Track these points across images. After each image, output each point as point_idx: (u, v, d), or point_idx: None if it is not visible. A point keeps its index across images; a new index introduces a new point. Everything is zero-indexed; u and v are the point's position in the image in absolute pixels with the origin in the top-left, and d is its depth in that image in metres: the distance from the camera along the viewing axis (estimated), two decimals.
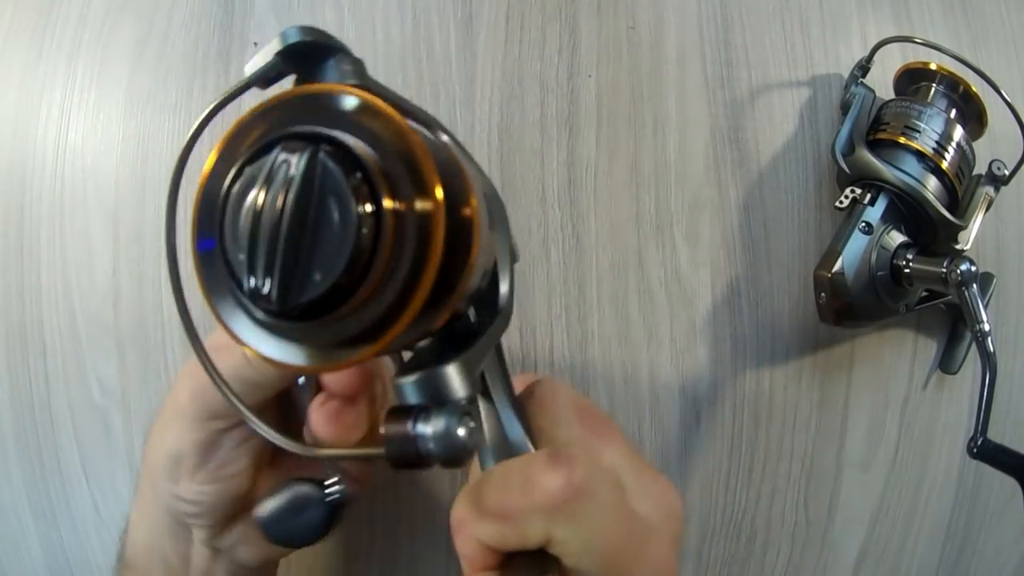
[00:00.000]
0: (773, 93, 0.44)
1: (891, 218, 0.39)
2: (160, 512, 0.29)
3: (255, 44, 0.42)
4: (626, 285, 0.42)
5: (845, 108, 0.43)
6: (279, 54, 0.19)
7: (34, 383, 0.41)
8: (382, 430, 0.19)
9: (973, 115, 0.41)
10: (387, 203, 0.16)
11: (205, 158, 0.18)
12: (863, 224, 0.38)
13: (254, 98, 0.19)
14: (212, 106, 0.20)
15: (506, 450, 0.25)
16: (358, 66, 0.20)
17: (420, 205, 0.16)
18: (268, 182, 0.16)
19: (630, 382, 0.42)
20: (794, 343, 0.43)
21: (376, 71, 0.45)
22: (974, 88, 0.39)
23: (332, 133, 0.16)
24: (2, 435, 0.41)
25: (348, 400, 0.28)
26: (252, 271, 0.16)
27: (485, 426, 0.24)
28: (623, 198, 0.42)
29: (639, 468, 0.26)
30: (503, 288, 0.23)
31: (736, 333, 0.42)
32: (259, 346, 0.18)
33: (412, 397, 0.19)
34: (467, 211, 0.17)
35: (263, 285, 0.16)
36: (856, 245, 0.38)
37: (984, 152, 0.41)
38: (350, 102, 0.17)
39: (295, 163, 0.15)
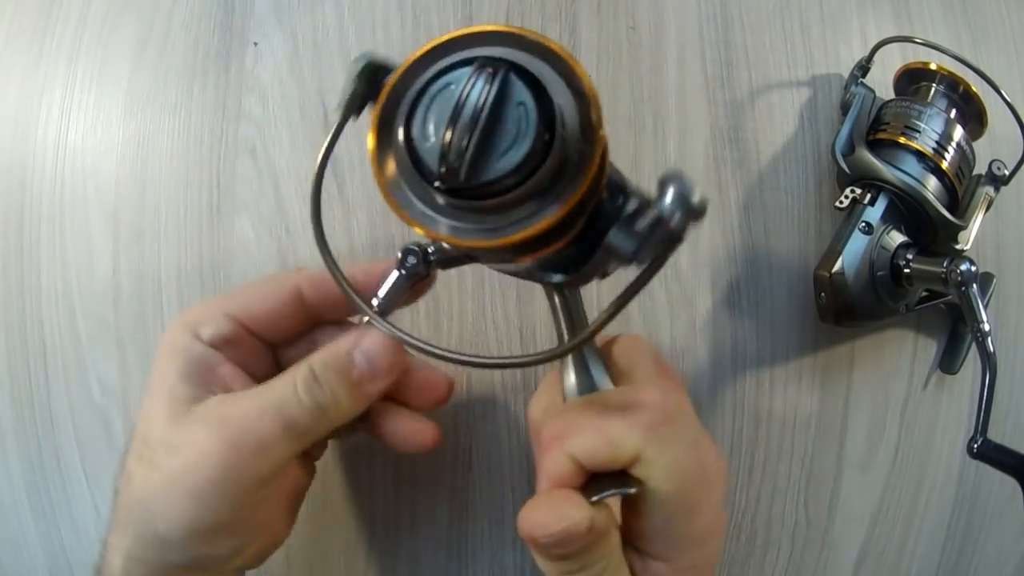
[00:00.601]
0: (773, 93, 0.44)
1: (891, 218, 0.39)
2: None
3: (255, 44, 0.42)
4: (626, 285, 0.42)
5: (845, 108, 0.43)
6: (359, 76, 0.22)
7: (34, 383, 0.41)
8: (637, 227, 0.22)
9: (973, 115, 0.41)
10: (560, 132, 0.20)
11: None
12: (863, 224, 0.38)
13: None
14: (323, 151, 0.24)
15: (592, 390, 0.27)
16: None
17: (583, 146, 0.20)
18: (470, 86, 0.19)
19: None
20: (794, 343, 0.43)
21: None
22: (974, 88, 0.39)
23: (523, 63, 0.20)
24: (2, 435, 0.41)
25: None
26: (446, 153, 0.19)
27: (571, 370, 0.27)
28: None
29: (702, 428, 0.28)
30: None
31: (736, 333, 0.42)
32: (432, 226, 0.20)
33: (625, 242, 0.22)
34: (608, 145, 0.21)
35: (455, 161, 0.19)
36: (856, 245, 0.38)
37: (984, 152, 0.41)
38: (540, 44, 0.21)
39: (494, 77, 0.19)
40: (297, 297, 0.29)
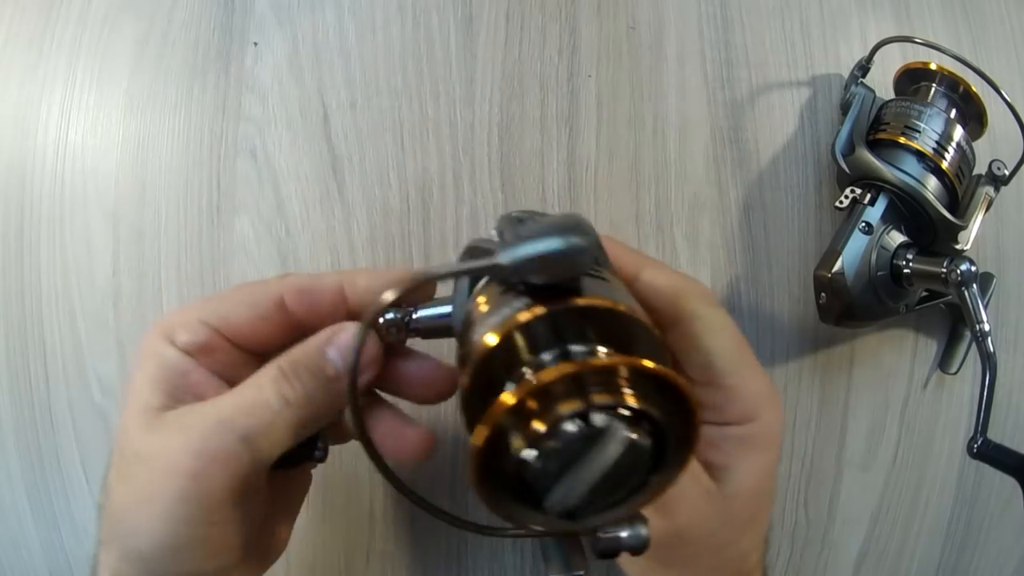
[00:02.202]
0: (773, 93, 0.44)
1: (891, 218, 0.39)
2: None
3: (255, 44, 0.42)
4: None
5: (845, 108, 0.43)
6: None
7: (34, 383, 0.41)
8: None
9: (973, 115, 0.41)
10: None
11: None
12: (863, 224, 0.38)
13: None
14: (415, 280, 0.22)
15: None
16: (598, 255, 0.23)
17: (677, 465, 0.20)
18: (588, 442, 0.18)
19: None
20: (794, 343, 0.43)
21: (376, 71, 0.45)
22: (974, 88, 0.39)
23: (639, 406, 0.18)
24: (2, 435, 0.41)
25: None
26: (569, 508, 0.19)
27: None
28: (623, 198, 0.42)
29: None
30: None
31: None
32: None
33: None
34: None
35: (574, 511, 0.19)
36: (856, 245, 0.38)
37: (984, 152, 0.41)
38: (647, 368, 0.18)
39: (613, 433, 0.18)
40: (279, 306, 0.27)
